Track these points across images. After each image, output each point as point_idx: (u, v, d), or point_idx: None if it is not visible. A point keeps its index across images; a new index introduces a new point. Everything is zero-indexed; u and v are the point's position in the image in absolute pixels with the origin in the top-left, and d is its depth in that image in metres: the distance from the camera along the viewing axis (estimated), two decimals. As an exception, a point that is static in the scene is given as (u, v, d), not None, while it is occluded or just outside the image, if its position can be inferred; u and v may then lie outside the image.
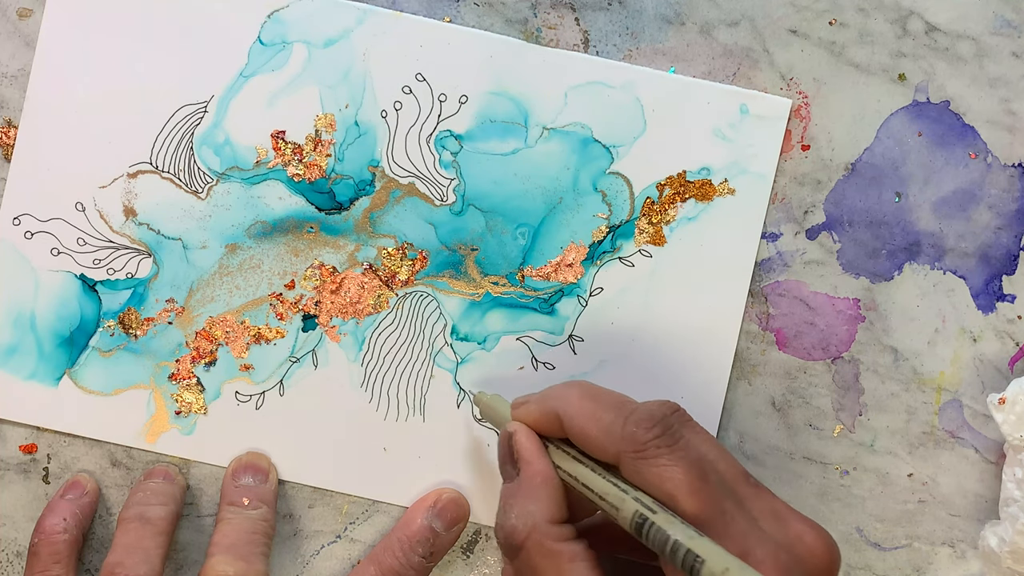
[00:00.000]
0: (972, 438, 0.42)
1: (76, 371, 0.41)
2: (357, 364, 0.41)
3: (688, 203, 0.41)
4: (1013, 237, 0.42)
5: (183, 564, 0.42)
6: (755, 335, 0.41)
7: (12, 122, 0.41)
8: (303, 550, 0.42)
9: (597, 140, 0.41)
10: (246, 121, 0.41)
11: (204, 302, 0.41)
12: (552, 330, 0.41)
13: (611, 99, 0.41)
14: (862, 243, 0.41)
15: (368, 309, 0.41)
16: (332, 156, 0.41)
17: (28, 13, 0.41)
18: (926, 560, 0.42)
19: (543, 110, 0.41)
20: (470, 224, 0.41)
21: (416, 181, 0.41)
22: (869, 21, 0.41)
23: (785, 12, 0.41)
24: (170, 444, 0.41)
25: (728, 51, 0.41)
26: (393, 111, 0.41)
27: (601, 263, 0.41)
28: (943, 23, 0.41)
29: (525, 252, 0.41)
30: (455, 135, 0.41)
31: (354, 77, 0.41)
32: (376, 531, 0.42)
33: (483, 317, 0.41)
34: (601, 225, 0.41)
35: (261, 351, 0.41)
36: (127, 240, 0.41)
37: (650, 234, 0.41)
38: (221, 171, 0.41)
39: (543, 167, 0.41)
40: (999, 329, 0.42)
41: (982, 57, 0.41)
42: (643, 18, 0.41)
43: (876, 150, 0.41)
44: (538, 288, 0.41)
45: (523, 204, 0.41)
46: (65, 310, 0.41)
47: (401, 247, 0.41)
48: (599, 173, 0.41)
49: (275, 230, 0.41)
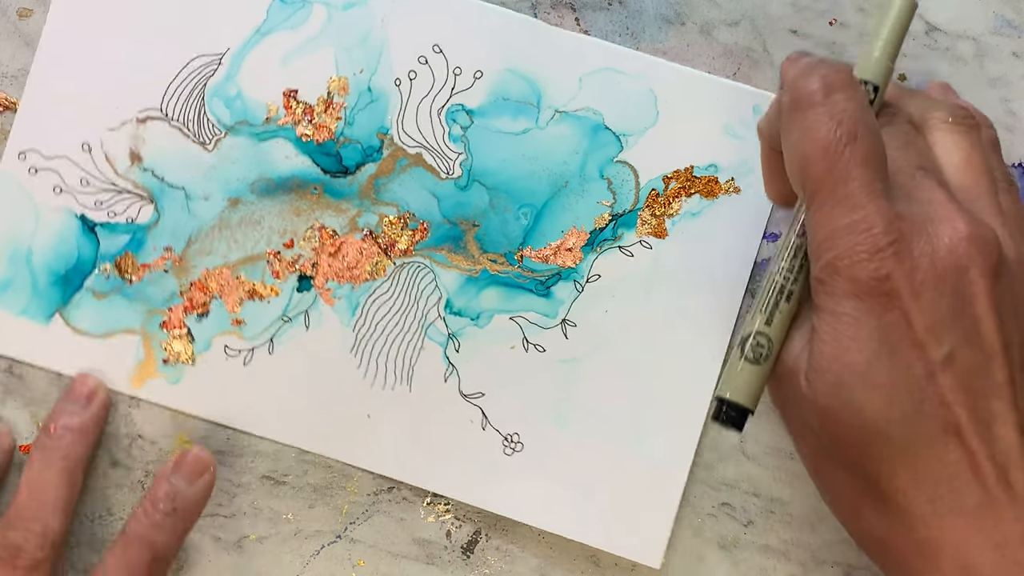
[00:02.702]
0: (972, 438, 0.42)
1: (68, 311, 0.41)
2: (349, 329, 0.41)
3: (693, 198, 0.41)
4: (1013, 237, 0.42)
5: (183, 564, 0.42)
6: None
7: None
8: (303, 550, 0.42)
9: (608, 127, 0.41)
10: (260, 77, 0.41)
11: (202, 253, 0.41)
12: (546, 312, 0.41)
13: (625, 87, 0.41)
14: (862, 243, 0.41)
15: (365, 275, 0.41)
16: (342, 119, 0.41)
17: (28, 13, 0.41)
18: (926, 560, 0.42)
19: (557, 92, 0.41)
20: (474, 199, 0.41)
21: (424, 152, 0.41)
22: (869, 21, 0.41)
23: (785, 12, 0.41)
24: (155, 391, 0.41)
25: (728, 51, 0.41)
26: (407, 80, 0.41)
27: (601, 250, 0.41)
28: (943, 23, 0.41)
29: (526, 232, 0.41)
30: (467, 110, 0.41)
31: (371, 42, 0.41)
32: (376, 531, 0.42)
33: (479, 293, 0.41)
34: (604, 212, 0.41)
35: (254, 307, 0.41)
36: (130, 185, 0.41)
37: (652, 226, 0.41)
38: (230, 124, 0.41)
39: (552, 149, 0.41)
40: (999, 329, 0.41)
41: (982, 57, 0.41)
42: (643, 18, 0.41)
43: (876, 150, 0.41)
44: (536, 270, 0.41)
45: (529, 184, 0.41)
46: (63, 248, 0.41)
47: (403, 216, 0.41)
48: (607, 160, 0.41)
49: (279, 188, 0.41)
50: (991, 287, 0.29)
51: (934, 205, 0.30)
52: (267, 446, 0.42)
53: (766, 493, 0.42)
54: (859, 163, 0.30)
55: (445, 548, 0.42)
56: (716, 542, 0.42)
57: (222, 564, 0.42)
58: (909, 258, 0.29)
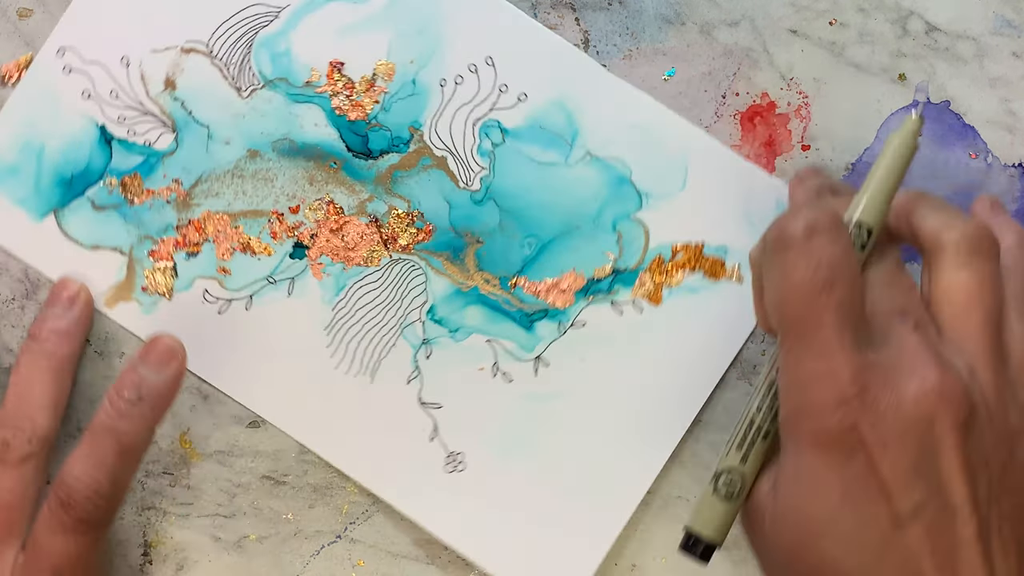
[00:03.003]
0: (972, 438, 0.42)
1: (64, 214, 0.41)
2: (329, 307, 0.41)
3: (696, 274, 0.41)
4: (1013, 237, 0.42)
5: (183, 565, 0.42)
6: (755, 335, 0.41)
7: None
8: (303, 550, 0.42)
9: (633, 183, 0.41)
10: (311, 41, 0.41)
11: (207, 195, 0.41)
12: (524, 345, 0.41)
13: (661, 149, 0.41)
14: (862, 243, 0.41)
15: (359, 259, 0.41)
16: (379, 104, 0.41)
17: (28, 13, 0.41)
18: (926, 560, 0.42)
19: (593, 135, 0.41)
20: (485, 216, 0.41)
21: (449, 157, 0.41)
22: (869, 21, 0.41)
23: (785, 12, 0.41)
24: (126, 316, 0.41)
25: (728, 51, 0.41)
26: (452, 83, 0.41)
27: (593, 300, 0.41)
28: (943, 23, 0.41)
29: (526, 262, 0.41)
30: (502, 128, 0.41)
31: (428, 37, 0.41)
32: (376, 531, 0.42)
33: (463, 308, 0.41)
34: (607, 264, 0.41)
35: (244, 260, 0.41)
36: (157, 109, 0.41)
37: (649, 290, 0.41)
38: (270, 78, 0.41)
39: (573, 189, 0.41)
40: (999, 329, 0.41)
41: (982, 57, 0.41)
42: (643, 18, 0.41)
43: (876, 150, 0.41)
44: (525, 300, 0.41)
45: (542, 216, 0.41)
46: (75, 153, 0.41)
47: (411, 213, 0.41)
48: (623, 215, 0.41)
49: (300, 153, 0.41)
50: (959, 440, 0.29)
51: (906, 353, 0.30)
52: (267, 446, 0.42)
53: (766, 493, 0.42)
54: (833, 310, 0.30)
55: (445, 548, 0.42)
56: (716, 542, 0.42)
57: (222, 564, 0.42)
58: (875, 410, 0.29)
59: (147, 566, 0.42)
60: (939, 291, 0.31)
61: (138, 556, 0.42)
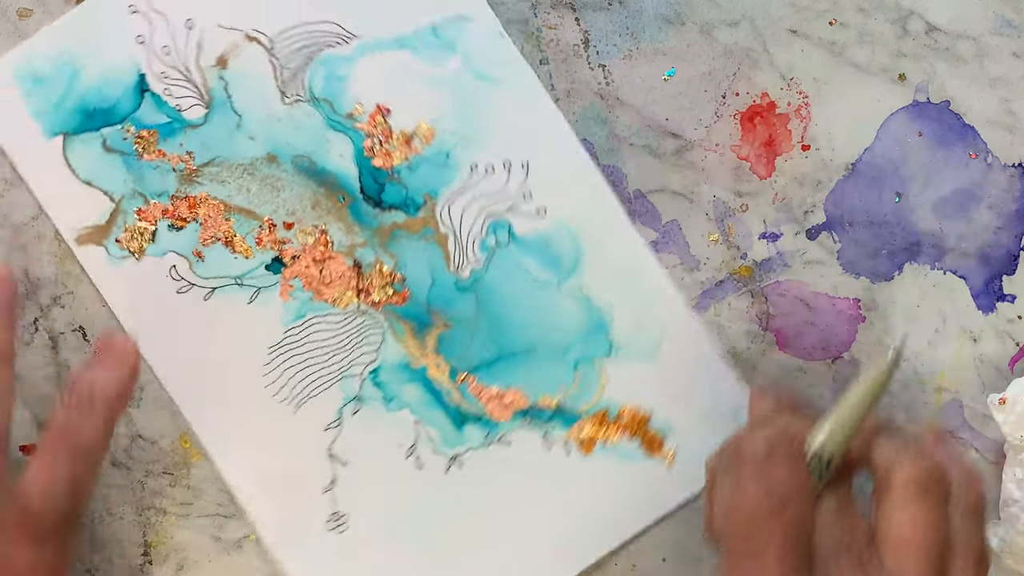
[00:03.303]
0: (972, 438, 0.42)
1: (72, 140, 0.40)
2: (283, 328, 0.41)
3: (633, 442, 0.41)
4: (1013, 237, 0.42)
5: (183, 565, 0.42)
6: (755, 335, 0.41)
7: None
8: (303, 550, 0.42)
9: (610, 333, 0.41)
10: (370, 77, 0.41)
11: (213, 178, 0.41)
12: (447, 440, 0.41)
13: (650, 313, 0.41)
14: (862, 243, 0.41)
15: (328, 296, 0.41)
16: (407, 161, 0.41)
17: (28, 13, 0.41)
18: (926, 560, 0.42)
19: (592, 273, 0.41)
20: (462, 305, 0.41)
21: (451, 237, 0.41)
22: (869, 21, 0.41)
23: (785, 12, 0.41)
24: (91, 259, 0.41)
25: (728, 51, 0.41)
26: (483, 171, 0.41)
27: (528, 424, 0.41)
28: (943, 23, 0.41)
29: (481, 363, 0.41)
30: (512, 232, 0.41)
31: (479, 119, 0.41)
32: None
33: (407, 382, 0.41)
34: (555, 397, 0.41)
35: (221, 253, 0.41)
36: (200, 81, 0.41)
37: (584, 438, 0.41)
38: (317, 96, 0.41)
39: (553, 314, 0.41)
40: (999, 329, 0.42)
41: (982, 57, 0.41)
42: (643, 18, 0.41)
43: (876, 150, 0.41)
44: (465, 398, 0.41)
45: (514, 327, 0.41)
46: (107, 89, 0.41)
47: (394, 274, 0.41)
48: (589, 358, 0.41)
49: (316, 176, 0.41)
50: None
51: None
52: (267, 446, 0.42)
53: (766, 493, 0.42)
54: (780, 534, 0.30)
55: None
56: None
57: (222, 564, 0.42)
58: None
59: (147, 566, 0.42)
60: (884, 527, 0.32)
61: (138, 556, 0.42)
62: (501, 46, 0.41)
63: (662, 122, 0.41)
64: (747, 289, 0.41)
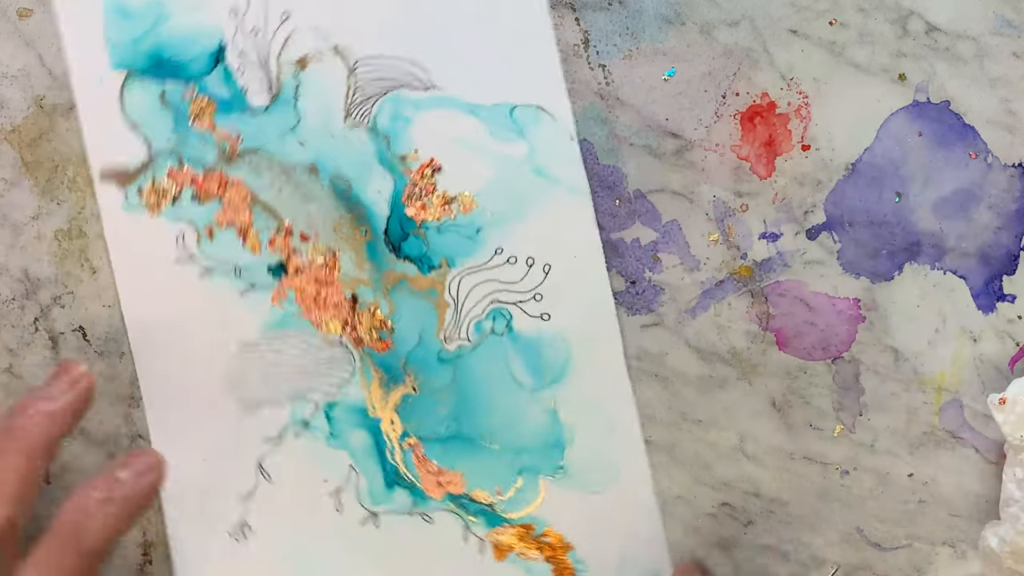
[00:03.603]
0: (972, 438, 0.42)
1: (133, 80, 0.40)
2: (261, 331, 0.41)
3: (546, 565, 0.41)
4: (1013, 237, 0.42)
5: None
6: (755, 335, 0.41)
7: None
8: (303, 550, 0.42)
9: (564, 458, 0.41)
10: (435, 131, 0.40)
11: (251, 167, 0.41)
12: (374, 495, 0.41)
13: (614, 461, 0.41)
14: (862, 243, 0.41)
15: (314, 317, 0.41)
16: (438, 223, 0.41)
17: (28, 13, 0.41)
18: (926, 560, 0.42)
19: (569, 395, 0.41)
20: (436, 375, 0.41)
21: (451, 308, 0.41)
22: (869, 21, 0.41)
23: (785, 12, 0.41)
24: (107, 197, 0.41)
25: (728, 51, 0.41)
26: (505, 258, 0.41)
27: (454, 510, 0.41)
28: (943, 23, 0.41)
29: (433, 437, 0.41)
30: (510, 325, 0.41)
31: (519, 208, 0.41)
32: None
33: (357, 427, 0.41)
34: (491, 496, 0.41)
35: (231, 240, 0.41)
36: (275, 74, 0.40)
37: (500, 543, 0.41)
38: (378, 129, 0.41)
39: (519, 417, 0.41)
40: (999, 329, 0.42)
41: (982, 57, 0.41)
42: (643, 18, 0.41)
43: (876, 150, 0.41)
44: (406, 463, 0.41)
45: (478, 415, 0.41)
46: (186, 47, 0.40)
47: (385, 322, 0.41)
48: (536, 471, 0.41)
49: (347, 201, 0.41)
50: None
51: None
52: (267, 446, 0.42)
53: (766, 493, 0.42)
54: None
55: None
56: (716, 542, 0.42)
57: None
58: None
59: (147, 566, 0.42)
60: None
61: (138, 556, 0.42)
62: (568, 149, 0.41)
63: (662, 122, 0.41)
64: (747, 289, 0.41)
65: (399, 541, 0.41)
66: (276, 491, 0.41)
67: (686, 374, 0.42)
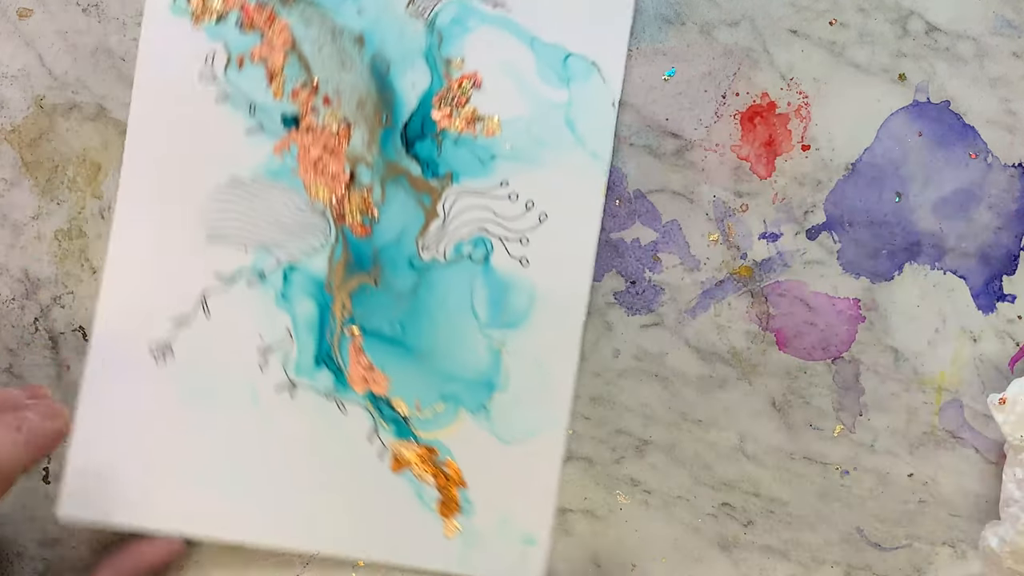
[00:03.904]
0: (972, 438, 0.42)
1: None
2: (255, 173, 0.40)
3: (437, 494, 0.41)
4: (1013, 237, 0.42)
5: (183, 564, 0.42)
6: (755, 335, 0.41)
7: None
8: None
9: (489, 400, 0.41)
10: (487, 48, 0.41)
11: (303, 16, 0.41)
12: (300, 365, 0.41)
13: (534, 422, 0.41)
14: (862, 243, 0.41)
15: (309, 181, 0.41)
16: (459, 134, 0.41)
17: (28, 13, 0.41)
18: (926, 560, 0.42)
19: (516, 344, 0.41)
20: (401, 277, 0.41)
21: (440, 220, 0.41)
22: (869, 21, 0.41)
23: (785, 12, 0.41)
24: (155, 9, 0.40)
25: (728, 51, 0.41)
26: (506, 192, 0.41)
27: (369, 409, 0.41)
28: (943, 23, 0.41)
29: (377, 334, 0.41)
30: (488, 257, 0.41)
31: (539, 151, 0.41)
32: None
33: (307, 296, 0.41)
34: (408, 410, 0.41)
35: (258, 77, 0.41)
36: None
37: (401, 456, 0.41)
38: (435, 25, 0.41)
39: (462, 346, 0.41)
40: (999, 329, 0.42)
41: (982, 57, 0.41)
42: (643, 18, 0.41)
43: (876, 150, 0.41)
44: (341, 349, 0.41)
45: (424, 327, 0.41)
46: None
47: (373, 209, 0.41)
48: (457, 402, 0.41)
49: (380, 82, 0.41)
50: None
51: None
52: (267, 446, 0.42)
53: (766, 493, 0.42)
54: None
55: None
56: (716, 542, 0.42)
57: (222, 564, 0.42)
58: None
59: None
60: None
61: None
62: (606, 114, 0.41)
63: (662, 122, 0.41)
64: (747, 289, 0.42)
65: (307, 418, 0.41)
66: (209, 328, 0.41)
67: (686, 374, 0.42)
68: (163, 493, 0.40)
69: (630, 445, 0.42)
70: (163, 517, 0.40)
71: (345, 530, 0.41)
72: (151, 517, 0.40)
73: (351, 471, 0.41)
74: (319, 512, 0.41)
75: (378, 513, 0.41)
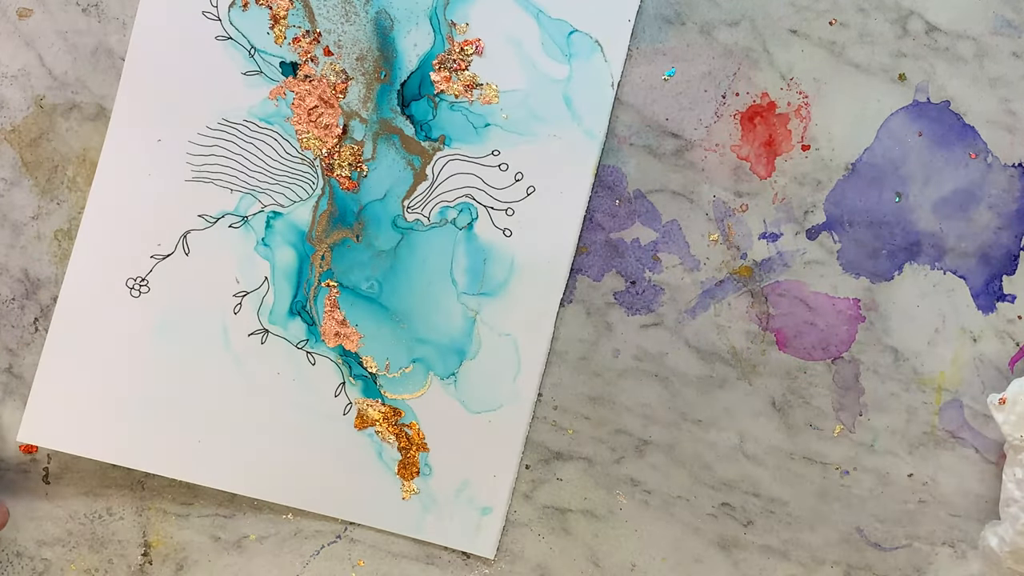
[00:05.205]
0: (972, 438, 0.42)
1: None
2: (248, 115, 0.41)
3: (398, 456, 0.41)
4: (1013, 237, 0.42)
5: (183, 565, 0.42)
6: (755, 335, 0.41)
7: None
8: (303, 550, 0.42)
9: (460, 367, 0.41)
10: (494, 16, 0.41)
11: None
12: (274, 314, 0.41)
13: (501, 394, 0.41)
14: (862, 243, 0.41)
15: (302, 130, 0.41)
16: (455, 99, 0.41)
17: (28, 13, 0.41)
18: (926, 560, 0.42)
19: (491, 314, 0.41)
20: (383, 236, 0.41)
21: (427, 182, 0.41)
22: (869, 21, 0.41)
23: (785, 12, 0.41)
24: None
25: (728, 51, 0.41)
26: (497, 162, 0.41)
27: (339, 364, 0.41)
28: (943, 23, 0.41)
29: (354, 291, 0.41)
30: (472, 224, 0.41)
31: (533, 124, 0.41)
32: (376, 531, 0.42)
33: (288, 245, 0.41)
34: (377, 369, 0.41)
35: (261, 19, 0.41)
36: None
37: (365, 415, 0.41)
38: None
39: (437, 311, 0.41)
40: (999, 329, 0.42)
41: (982, 57, 0.41)
42: (643, 18, 0.41)
43: (876, 150, 0.41)
44: (317, 301, 0.41)
45: (402, 289, 0.41)
46: None
47: (363, 165, 0.41)
48: (427, 367, 0.41)
49: (382, 38, 0.41)
50: None
51: None
52: (267, 446, 0.42)
53: (766, 493, 0.42)
54: None
55: (445, 549, 0.42)
56: (716, 542, 0.42)
57: (222, 564, 0.42)
58: None
59: (147, 566, 0.42)
60: None
61: (138, 556, 0.42)
62: (604, 94, 0.41)
63: (662, 122, 0.41)
64: (747, 289, 0.42)
65: (275, 366, 0.41)
66: (187, 266, 0.41)
67: (686, 374, 0.42)
68: (123, 425, 0.41)
69: (630, 445, 0.42)
70: (120, 451, 0.40)
71: (302, 482, 0.41)
72: (108, 449, 0.41)
73: (314, 424, 0.41)
74: (277, 461, 0.41)
75: (337, 468, 0.41)
